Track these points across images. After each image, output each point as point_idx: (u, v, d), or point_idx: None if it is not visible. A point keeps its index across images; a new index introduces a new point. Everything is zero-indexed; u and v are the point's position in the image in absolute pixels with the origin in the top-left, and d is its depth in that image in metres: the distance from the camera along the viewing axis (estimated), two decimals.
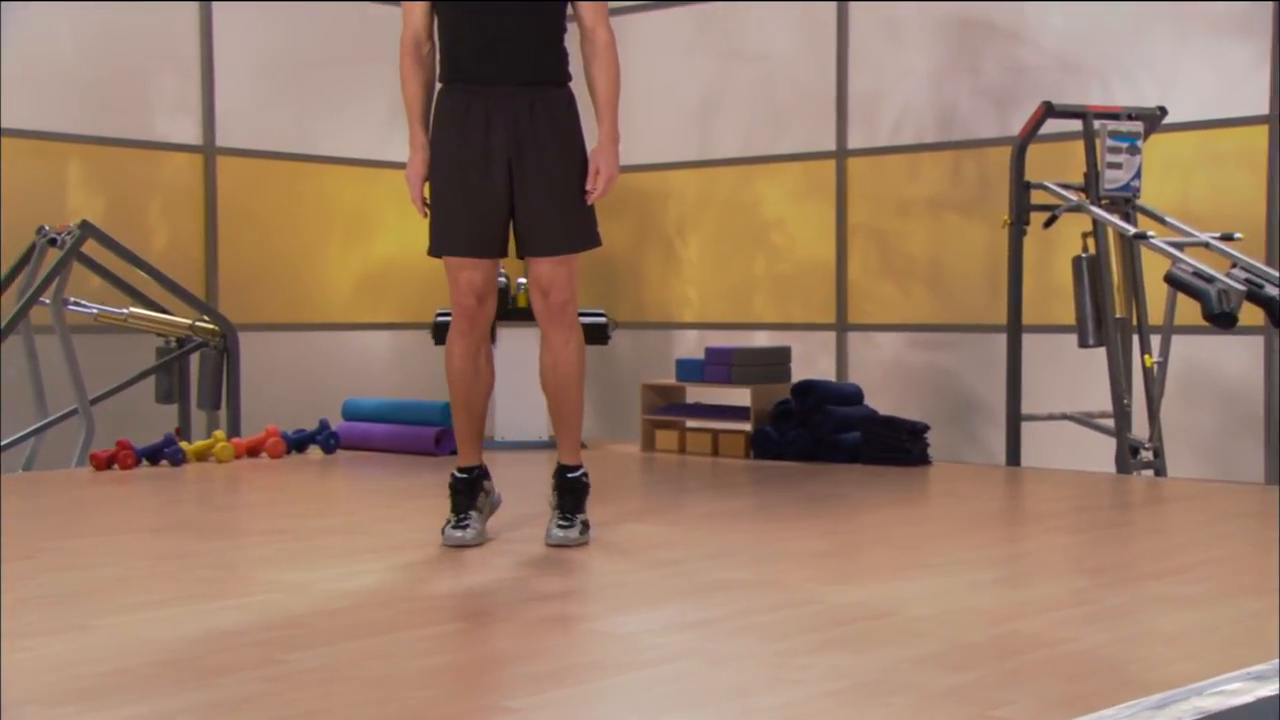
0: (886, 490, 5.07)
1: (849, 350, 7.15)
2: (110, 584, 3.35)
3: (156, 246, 6.84)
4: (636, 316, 7.88)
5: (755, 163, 7.44)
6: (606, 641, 2.83)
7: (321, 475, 5.56)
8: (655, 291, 7.82)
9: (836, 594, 3.22)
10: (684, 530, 4.18)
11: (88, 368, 6.25)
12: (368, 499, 4.98)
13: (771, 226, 7.43)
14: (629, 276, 7.91)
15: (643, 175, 7.83)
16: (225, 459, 5.64)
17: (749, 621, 2.96)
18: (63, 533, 4.16)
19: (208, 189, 6.98)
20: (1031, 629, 2.87)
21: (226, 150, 7.03)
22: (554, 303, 3.84)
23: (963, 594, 3.23)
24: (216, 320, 6.09)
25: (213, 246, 6.98)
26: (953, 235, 6.86)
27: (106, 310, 5.96)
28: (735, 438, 6.08)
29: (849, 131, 7.13)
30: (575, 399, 3.91)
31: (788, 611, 3.05)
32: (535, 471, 5.58)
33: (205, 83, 6.96)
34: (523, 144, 3.77)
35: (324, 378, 7.23)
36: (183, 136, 6.93)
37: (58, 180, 6.57)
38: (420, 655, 2.70)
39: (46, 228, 5.92)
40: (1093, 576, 3.43)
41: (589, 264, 8.21)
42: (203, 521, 4.39)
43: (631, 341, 7.86)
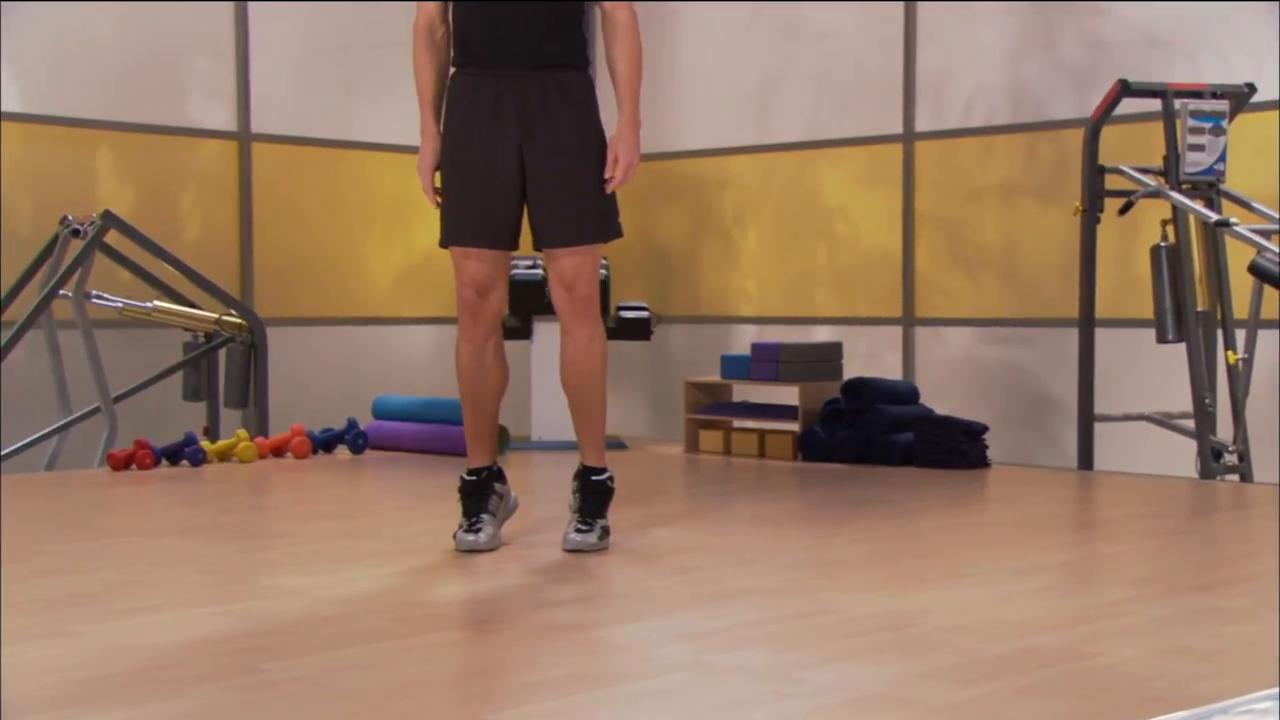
0: (937, 495, 5.06)
1: (916, 346, 7.11)
2: (103, 589, 3.42)
3: (189, 237, 6.95)
4: (691, 310, 7.89)
5: (817, 147, 7.43)
6: (603, 652, 2.86)
7: (345, 477, 5.62)
8: (711, 284, 7.83)
9: (857, 603, 3.23)
10: (712, 536, 4.20)
11: (114, 364, 6.36)
12: (387, 501, 5.04)
13: (834, 215, 7.40)
14: (684, 268, 7.93)
15: (698, 161, 7.84)
16: (248, 459, 5.72)
17: (758, 632, 2.98)
18: (66, 535, 4.24)
19: (242, 177, 7.08)
20: (1057, 642, 2.86)
21: (262, 137, 7.13)
22: (579, 297, 3.86)
23: (992, 604, 3.23)
24: (244, 314, 6.18)
25: (247, 237, 7.08)
26: (1027, 223, 6.80)
27: (131, 304, 6.06)
28: (782, 439, 6.08)
29: (916, 113, 7.09)
30: (599, 397, 3.93)
31: (800, 621, 3.07)
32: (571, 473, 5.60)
33: (240, 66, 7.06)
34: (535, 130, 3.80)
35: (363, 374, 7.31)
36: (216, 122, 7.03)
37: (87, 168, 6.70)
38: (406, 665, 2.73)
39: (69, 218, 6.03)
40: (1136, 587, 3.40)
41: (639, 255, 8.37)
42: (211, 524, 4.46)
43: (686, 336, 7.87)
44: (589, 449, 3.97)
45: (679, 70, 7.91)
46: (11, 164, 6.49)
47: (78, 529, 4.37)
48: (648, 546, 3.99)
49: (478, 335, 3.91)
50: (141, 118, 6.81)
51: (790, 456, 6.02)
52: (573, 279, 3.85)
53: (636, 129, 3.85)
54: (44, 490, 5.18)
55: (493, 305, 3.90)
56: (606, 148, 3.87)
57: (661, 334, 7.88)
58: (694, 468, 5.97)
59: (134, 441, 5.58)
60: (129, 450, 5.51)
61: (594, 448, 3.97)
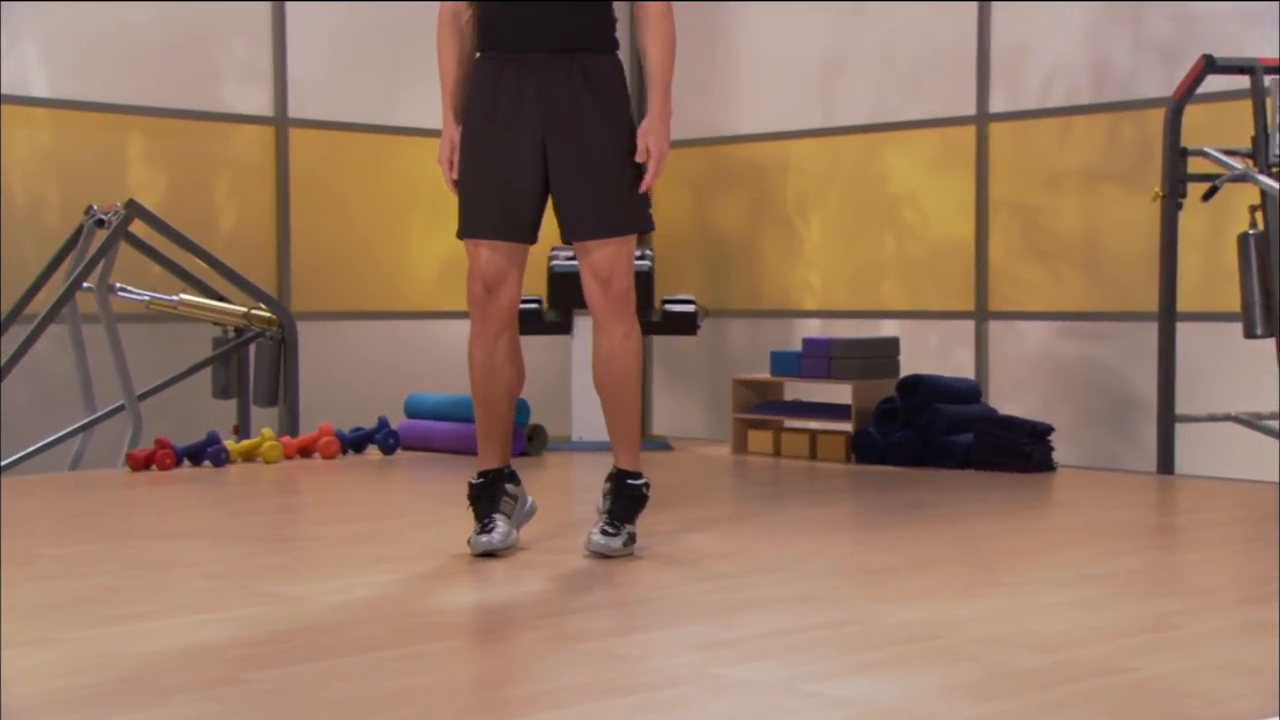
0: (994, 499, 5.03)
1: (989, 341, 7.04)
2: (97, 594, 3.46)
3: (223, 227, 7.02)
4: (751, 304, 7.87)
5: (884, 130, 7.37)
6: (605, 663, 2.85)
7: (372, 478, 5.66)
8: (772, 276, 7.80)
9: (886, 613, 3.23)
10: (747, 542, 4.20)
11: (144, 359, 6.44)
12: (410, 504, 5.07)
13: (903, 202, 7.35)
14: (744, 259, 7.90)
15: (758, 146, 7.81)
16: (273, 459, 5.76)
17: (776, 643, 2.98)
18: (70, 538, 4.30)
19: (279, 164, 7.14)
20: (1092, 656, 2.84)
21: (299, 122, 7.18)
22: (615, 292, 3.85)
23: (1029, 615, 3.21)
24: (273, 308, 6.23)
25: (284, 227, 7.14)
26: (1109, 210, 6.71)
27: (158, 297, 6.13)
28: (835, 439, 6.05)
29: (991, 93, 7.02)
30: (634, 398, 3.93)
31: (823, 632, 3.06)
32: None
33: (277, 47, 7.11)
34: (558, 117, 3.80)
35: (405, 371, 7.34)
36: (252, 107, 7.09)
37: (118, 156, 6.78)
38: (397, 675, 2.74)
39: (94, 207, 6.11)
40: (1189, 599, 3.36)
41: (695, 246, 8.34)
42: (223, 527, 4.50)
43: (745, 332, 7.84)
44: (623, 451, 3.96)
45: (738, 50, 7.88)
46: (40, 151, 6.58)
47: (84, 531, 4.43)
48: (678, 552, 3.99)
49: (488, 333, 3.91)
50: (174, 102, 6.89)
51: (843, 458, 6.00)
52: (608, 273, 3.84)
53: (668, 119, 3.85)
54: (59, 491, 5.25)
55: (503, 301, 3.90)
56: (635, 132, 3.85)
57: (718, 329, 7.86)
58: (740, 470, 5.97)
59: (154, 441, 5.63)
60: (149, 450, 5.57)
61: (629, 450, 3.96)
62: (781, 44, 7.71)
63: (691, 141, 8.03)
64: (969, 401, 5.91)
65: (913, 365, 6.96)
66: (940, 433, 5.72)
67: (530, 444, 6.21)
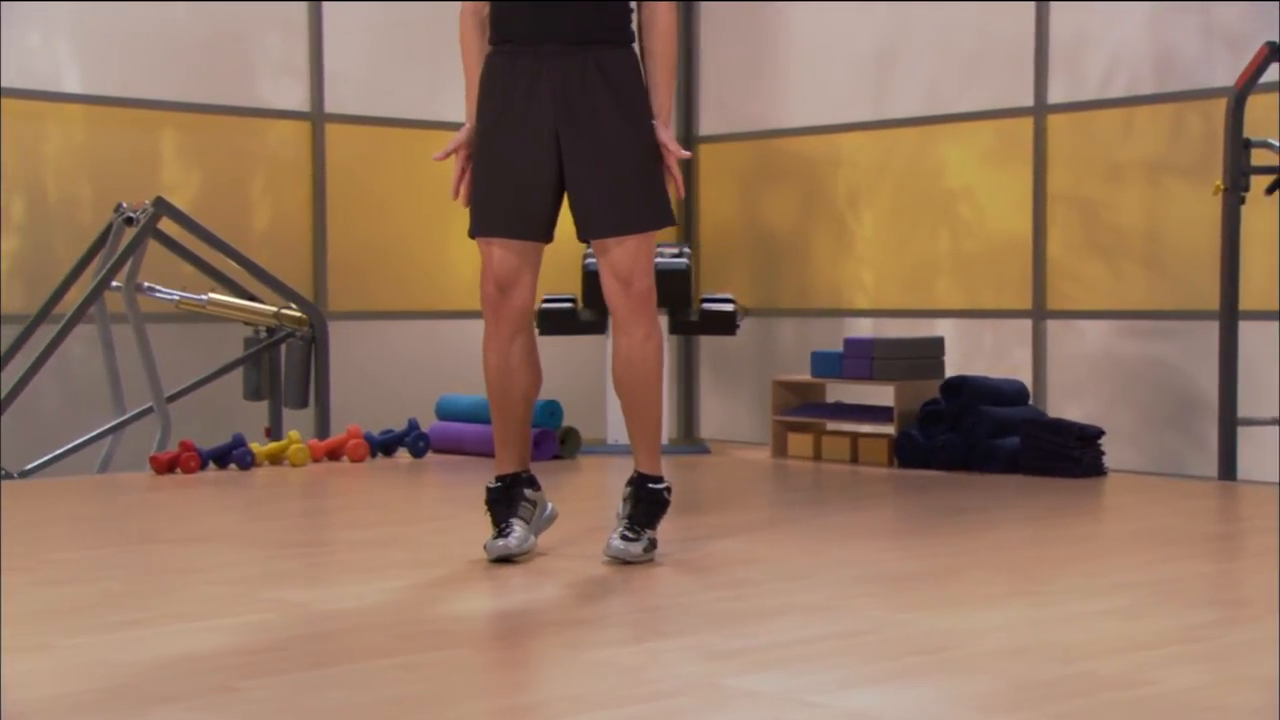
0: (1036, 505, 5.01)
1: (1048, 341, 7.00)
2: (100, 600, 3.50)
3: (258, 226, 7.09)
4: (802, 303, 7.85)
5: (939, 122, 7.35)
6: (607, 672, 2.86)
7: (399, 482, 5.70)
8: (824, 274, 7.79)
9: (905, 622, 3.23)
10: (773, 548, 4.20)
11: (175, 360, 6.51)
12: (433, 508, 5.10)
13: (958, 197, 7.31)
14: (793, 256, 7.89)
15: (809, 140, 7.80)
16: (299, 463, 5.81)
17: (787, 652, 2.98)
18: (83, 541, 4.36)
19: (316, 160, 7.20)
20: (1113, 668, 2.83)
21: (336, 117, 7.24)
22: (637, 292, 3.86)
23: (1053, 625, 3.21)
24: (304, 308, 6.28)
25: (321, 224, 7.19)
26: (1173, 204, 6.65)
27: (187, 297, 6.19)
28: (877, 442, 6.05)
29: (1049, 83, 6.98)
30: (656, 400, 3.95)
31: (837, 641, 3.06)
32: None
33: (313, 41, 7.17)
34: (573, 111, 3.82)
35: (444, 372, 7.38)
36: (288, 102, 7.16)
37: (151, 152, 6.86)
38: (391, 684, 2.76)
39: (124, 205, 6.18)
40: (1226, 609, 3.34)
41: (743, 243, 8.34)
42: (239, 532, 4.55)
43: (795, 331, 7.83)
44: (644, 455, 3.97)
45: (787, 40, 7.87)
46: (72, 148, 6.67)
47: (98, 535, 4.49)
48: (699, 559, 4.00)
49: (501, 335, 3.94)
50: (208, 97, 6.96)
51: (885, 462, 5.99)
52: (628, 272, 3.85)
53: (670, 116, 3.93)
54: (79, 494, 5.31)
55: (516, 302, 3.92)
56: (651, 125, 3.88)
57: (767, 329, 7.86)
58: (777, 474, 5.97)
59: (179, 444, 5.70)
60: (173, 453, 5.63)
61: (650, 454, 3.97)
62: (832, 33, 7.69)
63: (739, 135, 8.03)
64: (1016, 403, 5.88)
65: (968, 366, 6.93)
66: (985, 436, 5.70)
67: (563, 447, 6.23)
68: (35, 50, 6.57)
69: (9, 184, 6.52)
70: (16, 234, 6.57)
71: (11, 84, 6.49)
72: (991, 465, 5.68)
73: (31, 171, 6.58)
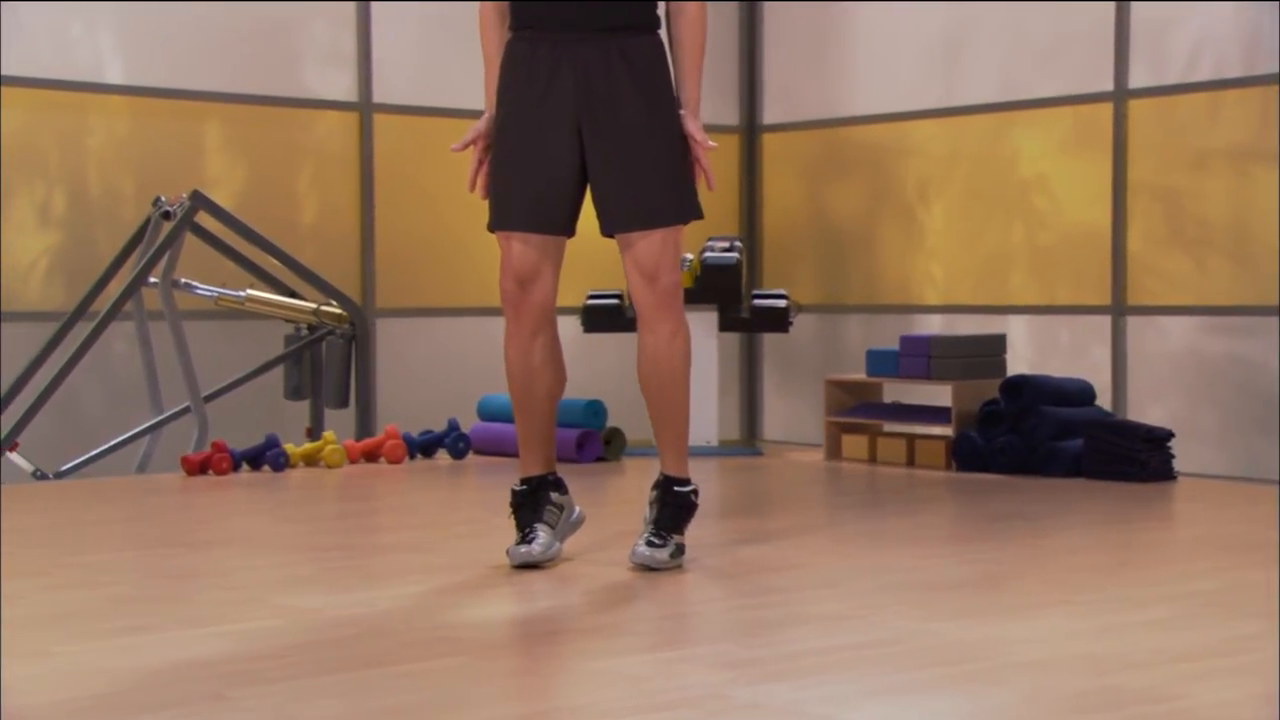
0: (1095, 510, 4.99)
1: (1127, 339, 6.93)
2: (106, 605, 3.55)
3: (305, 219, 7.16)
4: (869, 299, 7.83)
5: (1013, 109, 7.30)
6: (611, 682, 2.88)
7: (434, 484, 5.74)
8: (892, 268, 7.76)
9: (934, 632, 3.22)
10: (810, 554, 4.20)
11: (217, 358, 6.59)
12: (462, 512, 5.13)
13: (1032, 187, 7.27)
14: (860, 250, 7.87)
15: (876, 128, 7.78)
16: (335, 464, 5.86)
17: (805, 663, 2.98)
18: (98, 545, 4.42)
19: (364, 152, 7.26)
20: (1144, 682, 2.81)
21: (385, 107, 7.29)
22: (663, 288, 3.86)
23: (1089, 637, 3.19)
24: (344, 304, 6.33)
25: (369, 218, 7.25)
26: (1261, 194, 6.57)
27: (225, 293, 6.27)
28: (934, 445, 6.03)
29: (1130, 67, 6.91)
30: (683, 400, 3.95)
31: (858, 652, 3.06)
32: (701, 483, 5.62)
33: (361, 29, 7.23)
34: (596, 100, 3.82)
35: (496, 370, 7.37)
36: (335, 92, 7.22)
37: (195, 144, 6.95)
38: (387, 694, 2.79)
39: (162, 199, 6.27)
40: (1271, 621, 3.30)
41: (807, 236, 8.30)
42: (259, 535, 4.60)
43: (862, 329, 7.80)
44: (670, 456, 3.98)
45: (854, 23, 7.84)
46: (114, 140, 6.77)
47: (116, 539, 4.56)
48: (729, 565, 4.01)
49: (523, 332, 3.95)
50: (253, 88, 7.03)
51: (943, 465, 5.97)
52: (654, 268, 3.85)
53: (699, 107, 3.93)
54: (107, 496, 5.39)
55: (537, 298, 3.92)
56: (678, 116, 3.89)
57: (833, 326, 7.85)
58: (829, 477, 5.97)
59: (211, 444, 5.77)
60: (205, 454, 5.70)
61: (676, 455, 3.98)
62: (900, 15, 7.65)
63: (804, 124, 8.01)
64: (1081, 404, 5.84)
65: (1043, 365, 6.89)
66: (1047, 438, 5.66)
67: (608, 449, 6.24)
68: (77, 40, 6.67)
69: (51, 177, 6.63)
70: (58, 229, 6.67)
71: (53, 75, 6.59)
72: (1053, 469, 5.64)
73: (73, 165, 6.68)
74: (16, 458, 5.93)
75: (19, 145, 6.55)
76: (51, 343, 6.15)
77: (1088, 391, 5.94)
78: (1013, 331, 7.11)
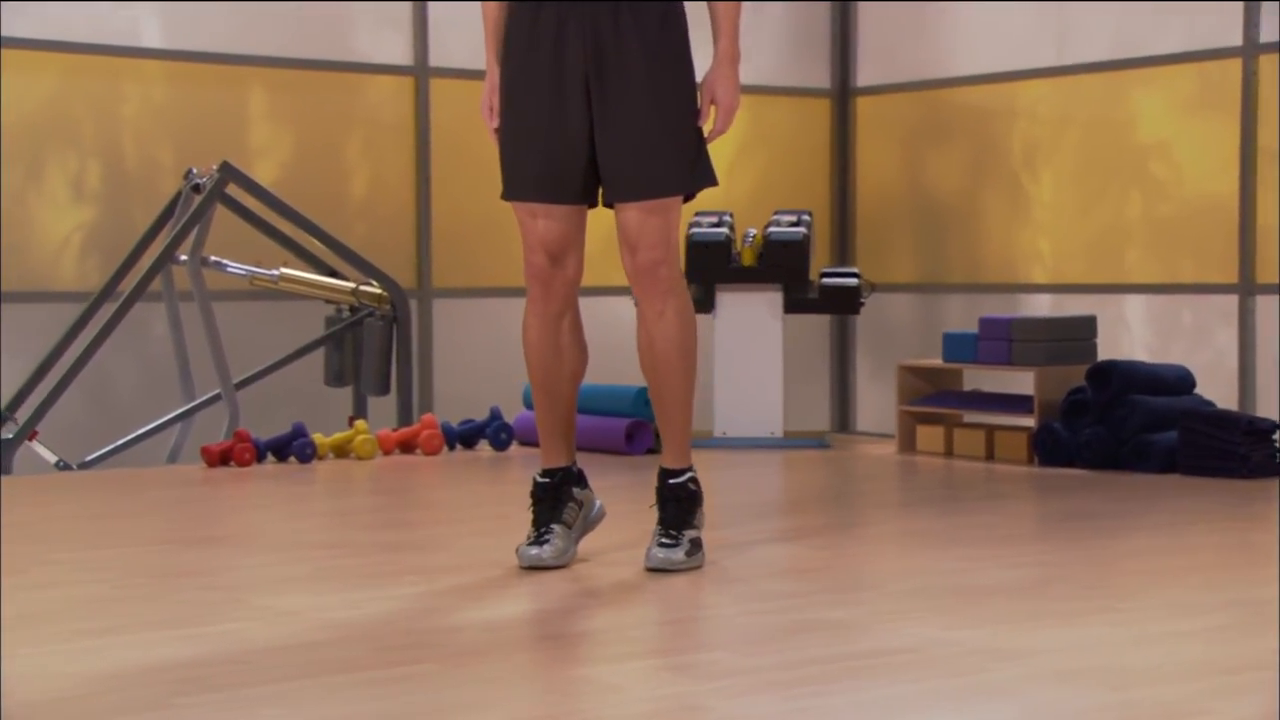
0: (1179, 509, 4.94)
1: (1256, 319, 6.84)
2: (77, 605, 3.61)
3: (356, 192, 7.19)
4: (971, 277, 7.81)
5: (1130, 67, 7.22)
6: (583, 692, 2.88)
7: (469, 476, 5.78)
8: (996, 243, 7.71)
9: (952, 640, 3.20)
10: (843, 555, 4.21)
11: (255, 341, 6.64)
12: (486, 507, 5.15)
13: (1151, 153, 7.19)
14: (961, 224, 7.82)
15: (980, 90, 7.73)
16: (366, 455, 5.88)
17: (795, 673, 2.97)
18: (91, 541, 4.49)
19: (419, 120, 7.28)
20: (1169, 696, 2.78)
21: (443, 71, 7.30)
22: (641, 264, 3.88)
23: (1124, 647, 3.16)
24: (384, 284, 6.34)
25: (425, 191, 7.27)
26: None
27: (258, 271, 6.31)
28: (1015, 437, 5.99)
29: (1261, 19, 6.78)
30: (678, 385, 3.95)
31: (860, 661, 3.04)
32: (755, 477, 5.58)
33: None
34: (604, 63, 3.82)
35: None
36: (389, 55, 7.24)
37: (237, 112, 7.00)
38: (339, 704, 2.81)
39: (194, 171, 6.32)
40: None
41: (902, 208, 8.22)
42: (260, 531, 4.65)
43: (963, 309, 7.74)
44: (667, 446, 4.01)
45: None
46: (152, 108, 6.84)
47: (110, 535, 4.62)
48: (749, 566, 4.02)
49: (551, 310, 3.98)
50: (300, 51, 7.08)
51: (1024, 459, 5.93)
52: (634, 240, 3.87)
53: (736, 63, 3.88)
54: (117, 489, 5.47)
55: (569, 274, 3.96)
56: (691, 84, 3.88)
57: (930, 306, 7.83)
58: (896, 472, 5.95)
59: (233, 433, 5.80)
60: (226, 444, 5.74)
61: (673, 445, 3.99)
62: None
63: (901, 86, 7.96)
64: (1178, 392, 5.73)
65: (1164, 350, 6.82)
66: (1138, 430, 5.57)
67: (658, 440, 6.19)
68: (111, 2, 6.74)
69: (84, 148, 6.71)
70: (92, 203, 6.76)
71: (85, 39, 6.67)
72: (1145, 464, 5.55)
73: (108, 135, 6.77)
74: (38, 447, 6.01)
75: (50, 114, 6.65)
76: (76, 325, 6.23)
77: (1186, 379, 5.82)
78: (1129, 313, 7.04)
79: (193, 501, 5.26)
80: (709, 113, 3.88)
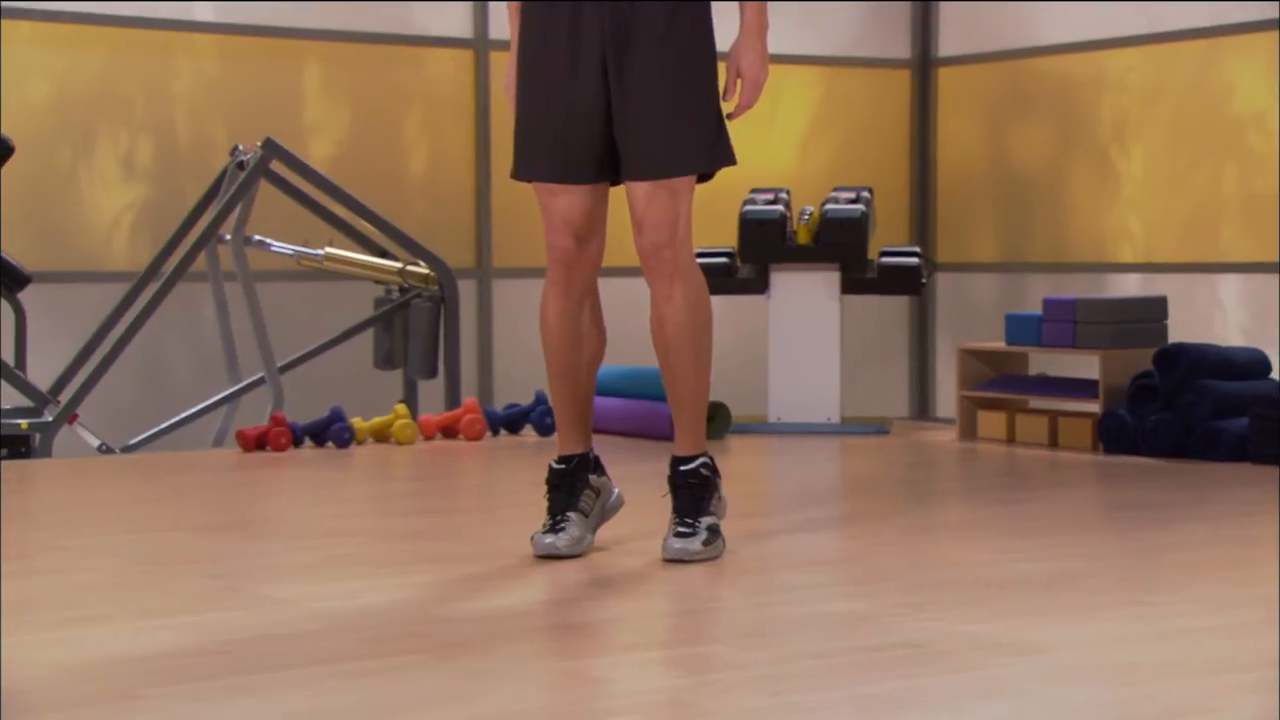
0: (1244, 499, 4.89)
1: None
2: (70, 593, 3.66)
3: (414, 169, 7.25)
4: (1057, 256, 7.80)
5: (1226, 34, 7.19)
6: (568, 685, 2.90)
7: (508, 462, 5.81)
8: (1083, 221, 7.68)
9: (963, 635, 3.19)
10: (869, 546, 4.23)
11: (303, 322, 6.71)
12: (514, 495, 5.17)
13: (1248, 125, 7.16)
14: (1047, 201, 7.80)
15: (1067, 59, 7.71)
16: (406, 440, 5.93)
17: (790, 667, 2.97)
18: (97, 527, 4.57)
19: (479, 94, 7.33)
20: (1179, 692, 2.78)
21: (503, 44, 7.33)
22: (645, 244, 3.89)
23: (1142, 642, 3.16)
24: (431, 264, 6.39)
25: (485, 168, 7.32)
26: None
27: (303, 251, 6.38)
28: (1080, 423, 5.96)
29: None
30: (688, 370, 3.95)
31: (862, 655, 3.05)
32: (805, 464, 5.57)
33: None
34: (622, 38, 3.83)
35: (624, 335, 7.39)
36: (448, 28, 7.30)
37: (292, 88, 7.08)
38: (317, 695, 2.83)
39: (240, 148, 6.40)
40: None
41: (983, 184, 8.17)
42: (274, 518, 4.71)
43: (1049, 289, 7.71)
44: (679, 432, 4.02)
45: None
46: (205, 84, 6.94)
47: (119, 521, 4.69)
48: (769, 557, 4.03)
49: (574, 293, 3.99)
50: (356, 24, 7.15)
51: (1089, 447, 5.90)
52: (640, 219, 3.89)
53: (761, 33, 3.87)
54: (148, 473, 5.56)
55: (593, 256, 3.98)
56: (710, 61, 3.88)
57: (1014, 287, 7.84)
58: (954, 459, 5.93)
59: (271, 417, 5.88)
60: (262, 428, 5.81)
61: (684, 431, 4.00)
62: None
63: (985, 56, 7.94)
64: (1251, 377, 5.66)
65: (1259, 332, 6.88)
66: (1207, 416, 5.50)
67: (710, 425, 6.20)
68: None
69: (135, 125, 6.81)
70: (143, 181, 6.87)
71: (136, 12, 6.77)
72: (1214, 452, 5.49)
73: (159, 111, 6.87)
74: (81, 430, 6.12)
75: (100, 90, 6.76)
76: (120, 307, 6.32)
77: (1260, 363, 5.75)
78: (1224, 293, 6.98)
79: (220, 487, 5.32)
80: (735, 87, 3.87)
